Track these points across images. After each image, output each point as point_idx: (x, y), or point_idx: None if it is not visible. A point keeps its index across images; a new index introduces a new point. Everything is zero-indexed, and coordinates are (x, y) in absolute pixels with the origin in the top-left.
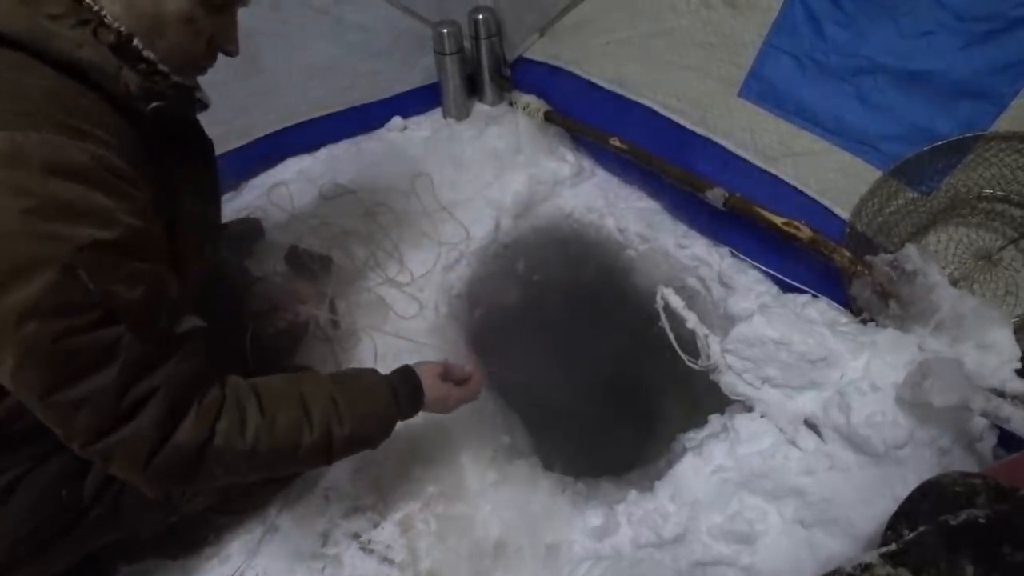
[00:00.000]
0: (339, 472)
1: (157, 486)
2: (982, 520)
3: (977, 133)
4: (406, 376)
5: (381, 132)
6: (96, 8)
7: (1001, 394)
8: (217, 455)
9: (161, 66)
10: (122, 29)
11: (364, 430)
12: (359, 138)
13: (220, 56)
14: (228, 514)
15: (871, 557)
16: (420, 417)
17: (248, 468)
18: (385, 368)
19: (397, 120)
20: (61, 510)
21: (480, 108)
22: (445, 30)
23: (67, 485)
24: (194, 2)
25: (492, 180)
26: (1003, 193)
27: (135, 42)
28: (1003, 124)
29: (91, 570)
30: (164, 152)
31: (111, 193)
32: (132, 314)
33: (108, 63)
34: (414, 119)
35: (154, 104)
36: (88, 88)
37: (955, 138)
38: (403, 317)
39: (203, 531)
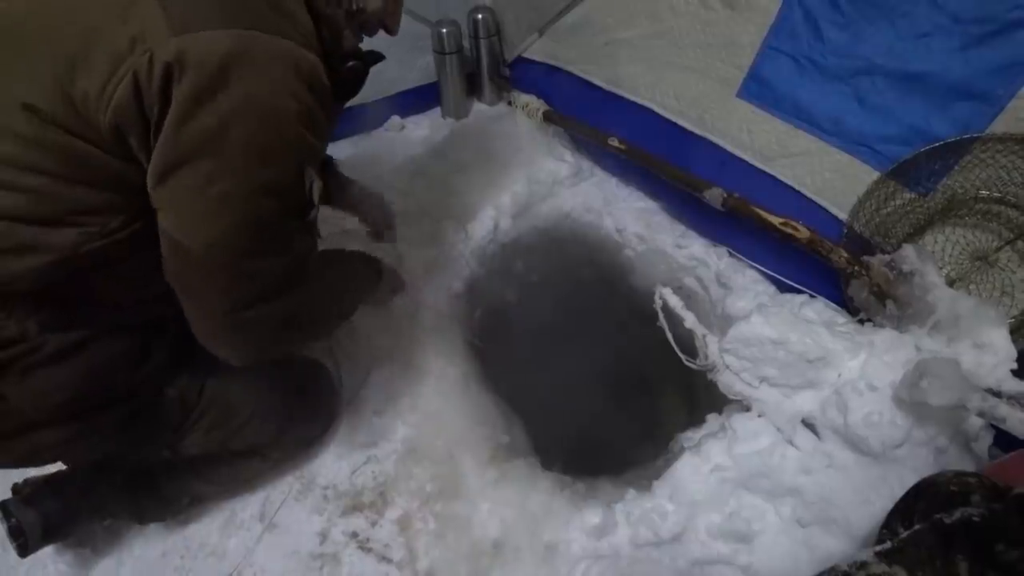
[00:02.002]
0: (338, 471)
1: (264, 350)
2: (976, 519)
3: (974, 135)
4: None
5: (380, 131)
6: None
7: (997, 394)
8: (306, 324)
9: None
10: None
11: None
12: (357, 137)
13: None
14: (213, 484)
15: (866, 555)
16: (419, 415)
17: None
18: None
19: (396, 119)
20: (110, 387)
21: (479, 108)
22: (444, 29)
23: (128, 365)
24: None
25: (491, 180)
26: (999, 194)
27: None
28: (999, 126)
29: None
30: None
31: (327, 115)
32: (310, 211)
33: (340, 21)
34: (413, 118)
35: (352, 63)
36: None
37: (952, 139)
38: (400, 316)
39: (180, 493)
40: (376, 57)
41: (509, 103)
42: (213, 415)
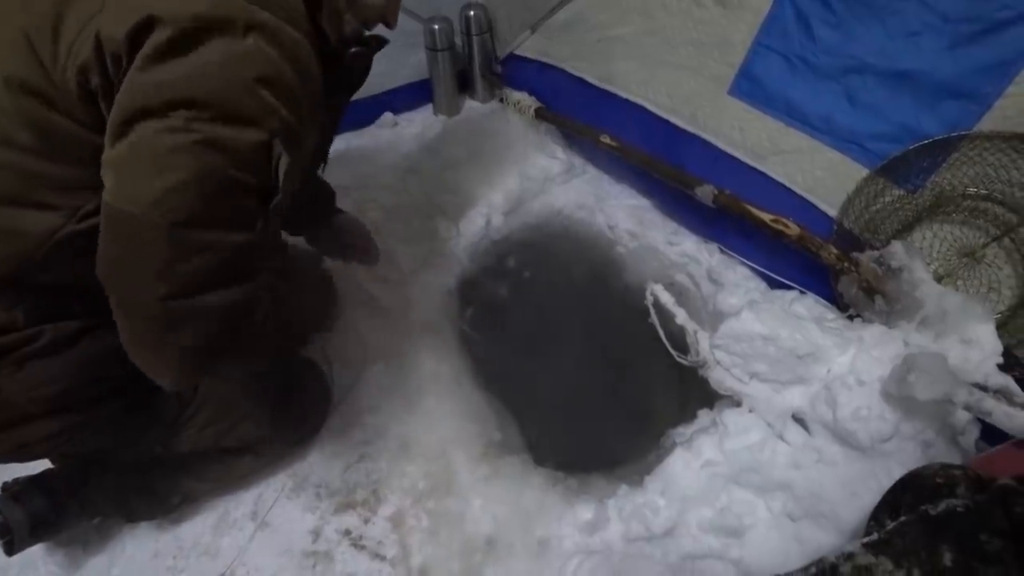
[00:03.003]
0: (330, 468)
1: (203, 364)
2: (961, 509)
3: (962, 132)
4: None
5: (372, 128)
6: None
7: (983, 388)
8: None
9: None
10: None
11: None
12: (349, 134)
13: None
14: (204, 481)
15: (854, 547)
16: (411, 412)
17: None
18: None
19: (388, 116)
20: (105, 379)
21: (471, 105)
22: (436, 26)
23: (124, 358)
24: None
25: (482, 177)
26: (986, 192)
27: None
28: (987, 124)
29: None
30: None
31: (310, 94)
32: (274, 196)
33: (340, 5)
34: (405, 115)
35: (355, 49)
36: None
37: (940, 137)
38: (392, 313)
39: (170, 492)
40: (381, 41)
41: (501, 100)
42: (208, 412)
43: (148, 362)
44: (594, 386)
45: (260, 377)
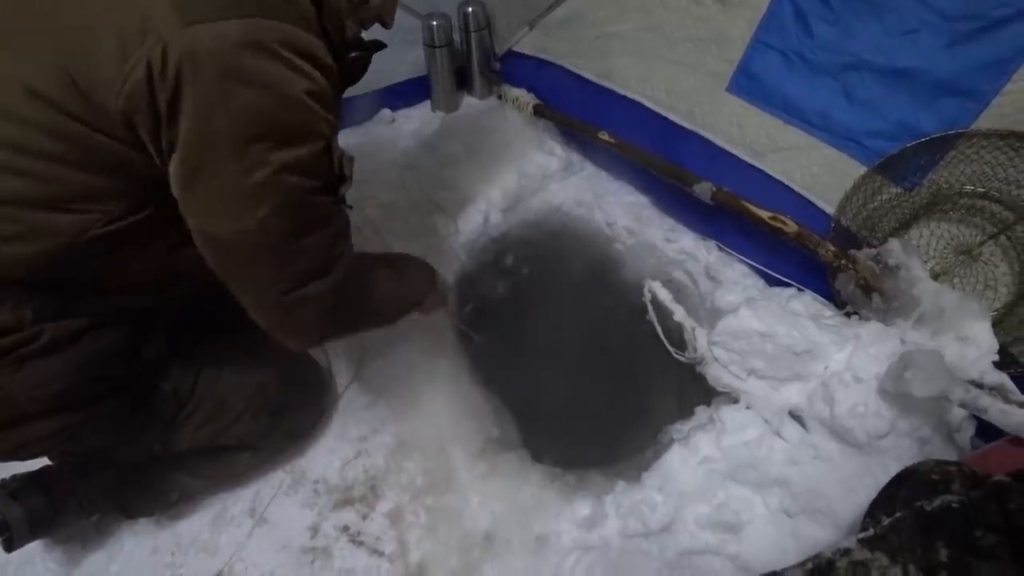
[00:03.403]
0: (328, 464)
1: (325, 332)
2: (956, 505)
3: (959, 130)
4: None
5: (369, 125)
6: None
7: (979, 385)
8: (361, 304)
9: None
10: None
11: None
12: (346, 131)
13: None
14: (201, 478)
15: (850, 542)
16: (409, 408)
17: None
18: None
19: (386, 113)
20: (105, 378)
21: (469, 101)
22: (435, 23)
23: (123, 356)
24: None
25: (481, 174)
26: (983, 190)
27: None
28: (984, 122)
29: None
30: None
31: (335, 91)
32: (339, 188)
33: (343, 11)
34: (403, 112)
35: (355, 53)
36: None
37: (938, 135)
38: None
39: (168, 489)
40: (379, 46)
41: (499, 97)
42: (205, 410)
43: (278, 335)
44: (592, 383)
45: (258, 375)
